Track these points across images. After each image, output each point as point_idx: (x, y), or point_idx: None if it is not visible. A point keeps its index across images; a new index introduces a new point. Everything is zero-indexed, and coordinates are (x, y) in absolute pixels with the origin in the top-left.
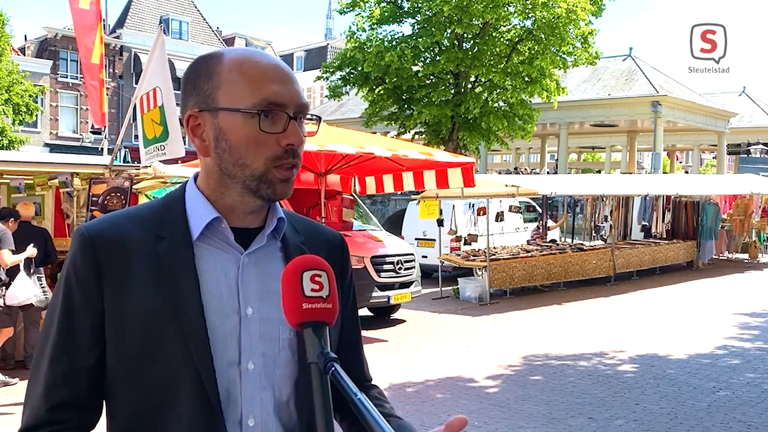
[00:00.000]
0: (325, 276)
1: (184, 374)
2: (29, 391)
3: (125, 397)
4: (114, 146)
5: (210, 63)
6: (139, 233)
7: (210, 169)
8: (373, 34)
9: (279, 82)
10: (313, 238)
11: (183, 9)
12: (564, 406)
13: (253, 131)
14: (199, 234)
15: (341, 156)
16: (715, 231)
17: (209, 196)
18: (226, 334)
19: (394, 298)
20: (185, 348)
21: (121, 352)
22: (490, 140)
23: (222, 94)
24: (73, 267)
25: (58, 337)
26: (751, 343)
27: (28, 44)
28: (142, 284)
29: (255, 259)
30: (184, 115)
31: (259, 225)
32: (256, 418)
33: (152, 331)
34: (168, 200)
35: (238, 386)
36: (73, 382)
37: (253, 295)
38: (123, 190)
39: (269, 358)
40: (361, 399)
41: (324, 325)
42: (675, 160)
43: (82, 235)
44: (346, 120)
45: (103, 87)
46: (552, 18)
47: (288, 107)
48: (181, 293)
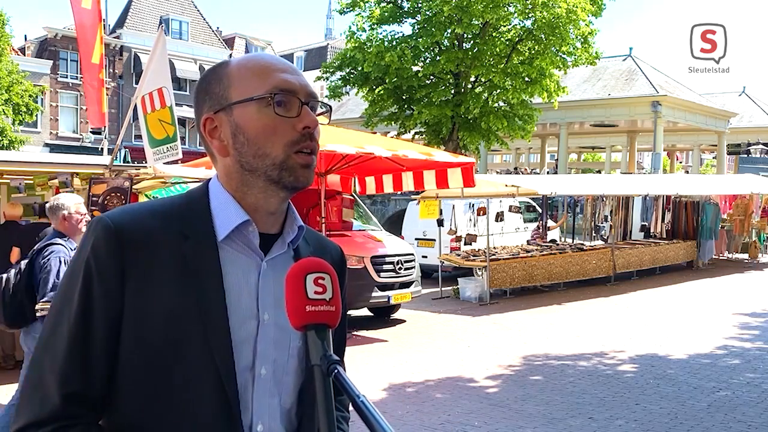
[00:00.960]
0: (329, 279)
1: (204, 376)
2: (36, 377)
3: (140, 395)
4: (114, 146)
5: (218, 69)
6: (163, 230)
7: (230, 169)
8: (373, 34)
9: (287, 72)
10: (319, 250)
11: (183, 9)
12: (564, 406)
13: (269, 119)
14: (225, 236)
15: (341, 156)
16: (715, 231)
17: (234, 196)
18: (244, 338)
19: (394, 298)
20: (207, 350)
21: (142, 351)
22: (490, 140)
23: (234, 91)
24: (94, 257)
25: (74, 329)
26: (751, 343)
27: (28, 44)
28: (166, 283)
29: (273, 265)
30: (200, 120)
31: (277, 231)
32: (264, 424)
33: (174, 331)
34: (191, 198)
35: (250, 391)
36: (88, 375)
37: (270, 302)
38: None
39: (279, 365)
40: (364, 401)
41: (327, 328)
42: (675, 160)
43: (107, 226)
44: (346, 120)
45: (102, 87)
46: (552, 18)
47: (299, 93)
48: (207, 296)
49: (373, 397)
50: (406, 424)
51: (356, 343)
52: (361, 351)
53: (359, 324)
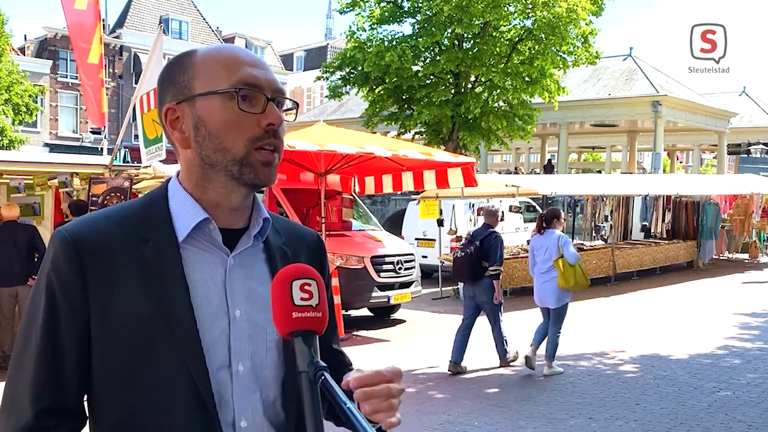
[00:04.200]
0: (315, 285)
1: (177, 379)
2: (11, 394)
3: (115, 404)
4: (114, 146)
5: (184, 58)
6: (122, 235)
7: (191, 162)
8: (373, 34)
9: (254, 66)
10: (292, 238)
11: (183, 9)
12: (564, 406)
13: (232, 113)
14: (185, 236)
15: (341, 156)
16: (715, 231)
17: (193, 192)
18: (216, 337)
19: (394, 298)
20: (177, 353)
21: (111, 359)
22: (490, 140)
23: (198, 83)
24: (55, 272)
25: (43, 342)
26: (751, 343)
27: (28, 44)
28: (130, 290)
29: (240, 260)
30: (162, 109)
31: (244, 225)
32: (248, 419)
33: (142, 337)
34: (149, 199)
35: (229, 388)
36: (60, 388)
37: (240, 297)
38: (123, 190)
39: (257, 360)
40: (350, 407)
41: (313, 334)
42: (675, 160)
43: (64, 238)
44: (346, 120)
45: (102, 87)
46: (552, 18)
47: (265, 89)
48: (171, 299)
49: None
50: (406, 424)
51: (356, 343)
52: (361, 351)
53: (359, 324)
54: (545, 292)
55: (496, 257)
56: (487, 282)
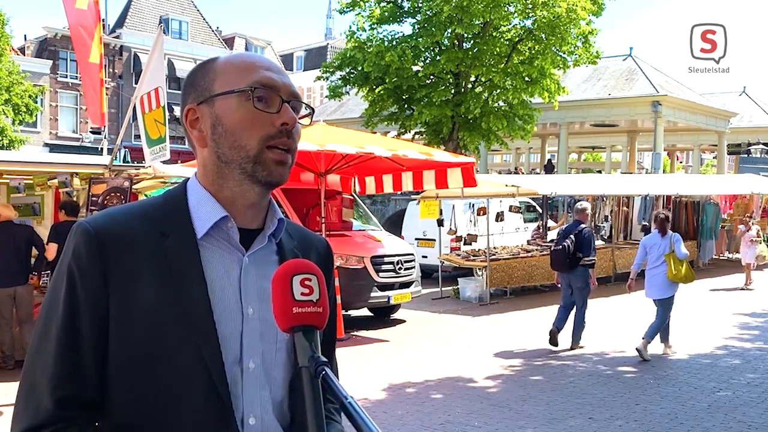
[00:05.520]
0: (315, 280)
1: (193, 373)
2: (29, 382)
3: (131, 396)
4: (114, 146)
5: (207, 64)
6: (142, 229)
7: (207, 160)
8: (373, 33)
9: (271, 70)
10: (303, 243)
11: (183, 9)
12: (564, 406)
13: (248, 111)
14: (204, 233)
15: (341, 156)
16: (715, 231)
17: (209, 190)
18: (230, 333)
19: (394, 298)
20: (195, 347)
21: (129, 351)
22: (490, 140)
23: (217, 84)
24: (76, 263)
25: (62, 334)
26: (751, 344)
27: (28, 44)
28: (148, 283)
29: (254, 259)
30: (183, 110)
31: (259, 225)
32: (256, 417)
33: (161, 331)
34: (169, 197)
35: (240, 385)
36: (80, 378)
37: (253, 296)
38: (123, 190)
39: (268, 359)
40: (351, 402)
41: (314, 329)
42: (675, 160)
43: (87, 230)
44: (346, 120)
45: (102, 87)
46: (552, 18)
47: (280, 91)
48: (190, 293)
49: (373, 397)
50: (406, 424)
51: (356, 343)
52: (361, 351)
53: (359, 324)
54: (655, 283)
55: (590, 249)
56: (582, 270)
